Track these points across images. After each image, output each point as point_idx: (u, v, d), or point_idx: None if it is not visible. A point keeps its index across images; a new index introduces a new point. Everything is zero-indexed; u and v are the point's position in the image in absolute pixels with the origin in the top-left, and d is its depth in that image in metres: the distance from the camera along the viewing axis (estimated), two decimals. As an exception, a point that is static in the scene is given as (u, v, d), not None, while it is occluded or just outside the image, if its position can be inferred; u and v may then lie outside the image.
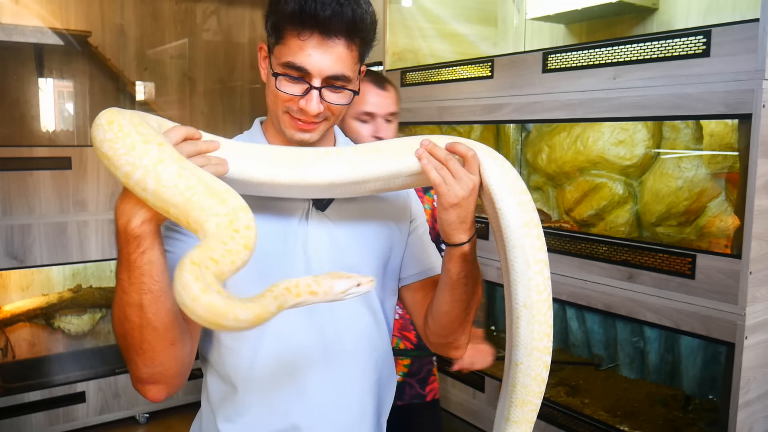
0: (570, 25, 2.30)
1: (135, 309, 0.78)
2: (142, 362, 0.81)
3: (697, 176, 1.86)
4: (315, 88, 0.87)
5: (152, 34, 3.59)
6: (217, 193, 0.70)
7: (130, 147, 0.70)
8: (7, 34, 3.07)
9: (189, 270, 0.63)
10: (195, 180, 0.70)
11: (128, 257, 0.76)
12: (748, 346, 1.35)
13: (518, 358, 0.85)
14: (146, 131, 0.72)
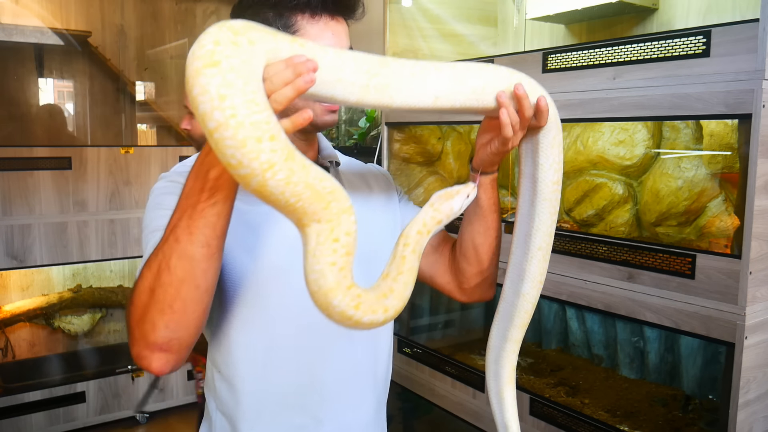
0: (570, 25, 2.30)
1: (185, 261, 0.73)
2: (164, 323, 0.75)
3: (697, 176, 1.87)
4: None
5: (152, 34, 3.59)
6: (322, 197, 0.67)
7: (241, 144, 0.61)
8: (7, 34, 3.07)
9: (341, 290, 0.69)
10: (302, 186, 0.65)
11: (195, 205, 0.72)
12: (748, 346, 1.36)
13: (526, 290, 1.01)
14: (257, 111, 0.62)
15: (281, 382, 0.96)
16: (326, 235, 0.68)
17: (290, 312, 0.94)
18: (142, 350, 0.77)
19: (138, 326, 0.76)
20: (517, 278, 1.02)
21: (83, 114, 3.43)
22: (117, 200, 3.03)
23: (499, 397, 1.06)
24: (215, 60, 0.61)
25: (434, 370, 2.18)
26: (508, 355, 1.06)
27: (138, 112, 3.58)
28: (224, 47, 0.62)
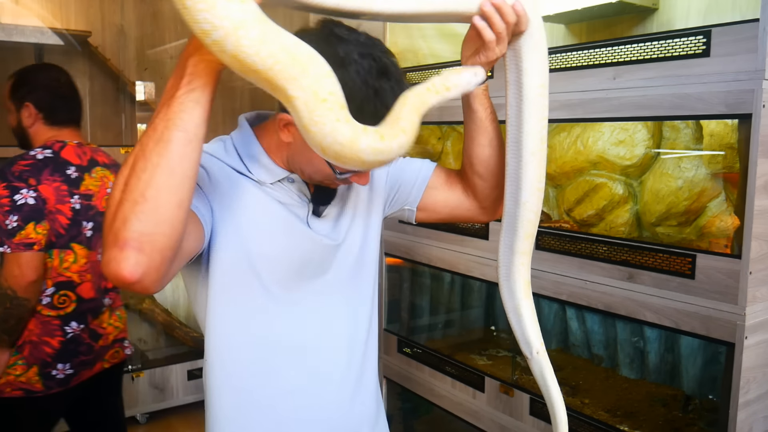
0: (570, 25, 2.30)
1: (160, 145, 0.70)
2: (135, 216, 0.69)
3: (697, 176, 1.87)
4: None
5: (152, 34, 3.59)
6: (299, 61, 0.68)
7: (211, 4, 0.63)
8: (7, 34, 3.07)
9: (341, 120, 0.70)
10: (277, 47, 0.66)
11: (174, 93, 0.72)
12: (748, 346, 1.36)
13: (525, 198, 0.99)
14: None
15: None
16: (314, 100, 0.68)
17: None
18: (112, 251, 0.69)
19: (110, 228, 0.71)
20: (515, 187, 1.01)
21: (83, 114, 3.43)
22: (117, 200, 3.03)
23: (517, 314, 1.05)
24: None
25: (434, 370, 2.18)
26: (518, 268, 1.05)
27: (138, 112, 3.58)
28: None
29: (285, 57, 0.67)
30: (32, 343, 1.74)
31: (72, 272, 1.77)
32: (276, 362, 0.99)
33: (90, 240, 1.80)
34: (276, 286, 0.97)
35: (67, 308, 1.78)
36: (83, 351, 1.82)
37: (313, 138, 0.70)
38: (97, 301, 1.85)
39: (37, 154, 1.72)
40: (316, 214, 1.02)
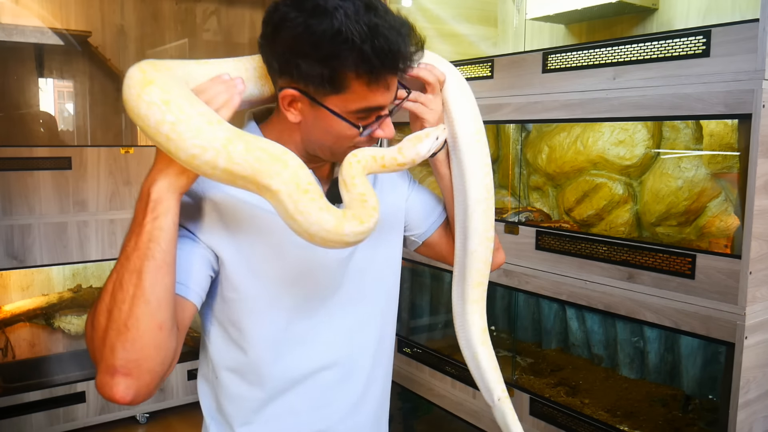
0: (570, 25, 2.30)
1: (133, 276, 0.75)
2: (121, 344, 0.75)
3: (697, 176, 1.87)
4: (389, 115, 0.89)
5: (152, 34, 3.59)
6: (277, 158, 0.75)
7: (197, 131, 0.72)
8: (7, 34, 3.07)
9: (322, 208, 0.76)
10: (260, 152, 0.74)
11: (140, 222, 0.76)
12: (748, 346, 1.36)
13: (473, 247, 1.00)
14: (201, 106, 0.75)
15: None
16: (297, 191, 0.75)
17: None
18: (104, 377, 0.76)
19: (99, 352, 0.77)
20: (463, 237, 1.02)
21: (83, 114, 3.43)
22: (117, 200, 3.03)
23: (476, 361, 1.07)
24: (148, 80, 0.73)
25: (434, 370, 2.18)
26: (472, 317, 1.06)
27: (138, 112, 3.58)
28: (150, 72, 0.74)
29: (266, 157, 0.74)
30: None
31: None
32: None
33: None
34: (294, 307, 0.96)
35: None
36: None
37: (299, 227, 0.76)
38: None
39: None
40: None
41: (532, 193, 2.50)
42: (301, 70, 0.81)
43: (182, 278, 0.85)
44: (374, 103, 0.84)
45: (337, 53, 0.78)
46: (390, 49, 0.79)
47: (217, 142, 0.72)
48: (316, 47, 0.79)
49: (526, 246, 1.82)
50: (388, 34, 0.79)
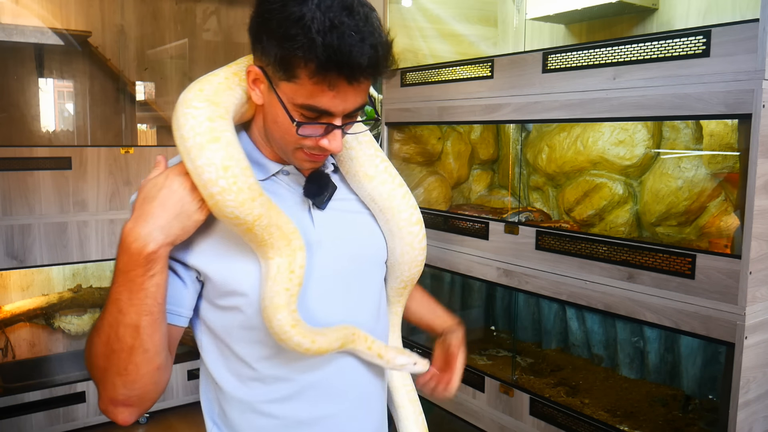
0: (570, 25, 2.30)
1: (130, 329, 0.79)
2: (122, 384, 0.82)
3: (697, 176, 1.87)
4: (338, 128, 0.84)
5: (152, 34, 3.59)
6: (286, 235, 0.85)
7: (241, 204, 0.79)
8: (7, 34, 3.07)
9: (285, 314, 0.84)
10: (274, 228, 0.83)
11: (134, 279, 0.78)
12: (748, 346, 1.36)
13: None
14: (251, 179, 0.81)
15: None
16: (286, 267, 0.85)
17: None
18: (108, 406, 0.85)
19: (101, 384, 0.85)
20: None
21: (83, 114, 3.43)
22: (117, 200, 3.03)
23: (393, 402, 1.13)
24: (215, 136, 0.79)
25: (434, 370, 2.18)
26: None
27: (138, 112, 3.58)
28: (218, 123, 0.80)
29: (278, 233, 0.84)
30: None
31: None
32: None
33: None
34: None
35: None
36: None
37: (265, 288, 0.85)
38: None
39: None
40: (320, 207, 0.96)
41: (532, 193, 2.50)
42: (264, 46, 0.81)
43: (172, 306, 0.87)
44: (320, 104, 0.81)
45: (293, 36, 0.77)
46: (340, 49, 0.76)
47: (250, 217, 0.81)
48: (279, 25, 0.78)
49: (526, 246, 1.82)
50: (347, 36, 0.76)
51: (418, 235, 1.02)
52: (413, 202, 1.03)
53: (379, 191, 1.00)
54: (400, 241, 1.02)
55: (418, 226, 1.02)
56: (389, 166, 1.02)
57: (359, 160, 0.99)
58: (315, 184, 0.95)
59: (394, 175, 1.02)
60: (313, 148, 0.86)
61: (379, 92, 2.69)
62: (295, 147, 0.87)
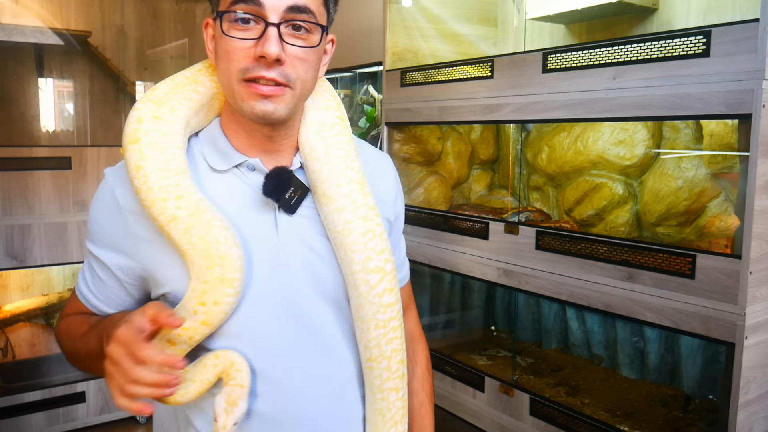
0: (570, 25, 2.30)
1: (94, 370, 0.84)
2: (87, 370, 0.91)
3: (697, 176, 1.87)
4: (272, 25, 0.75)
5: (152, 34, 3.59)
6: (210, 257, 0.77)
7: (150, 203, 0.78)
8: (7, 34, 3.07)
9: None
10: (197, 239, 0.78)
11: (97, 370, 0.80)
12: (748, 346, 1.36)
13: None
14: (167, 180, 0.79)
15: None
16: (196, 296, 0.77)
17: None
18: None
19: (69, 359, 0.92)
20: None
21: (83, 114, 3.43)
22: (117, 200, 3.03)
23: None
24: (136, 137, 0.79)
25: (434, 370, 2.18)
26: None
27: (138, 112, 3.57)
28: (145, 123, 0.80)
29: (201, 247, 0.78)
30: None
31: None
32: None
33: None
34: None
35: None
36: None
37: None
38: None
39: None
40: (287, 212, 0.85)
41: (532, 193, 2.50)
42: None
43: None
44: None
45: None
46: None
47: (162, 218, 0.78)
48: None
49: (526, 246, 1.82)
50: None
51: (376, 287, 0.83)
52: (378, 244, 0.84)
53: (333, 219, 0.84)
54: (354, 291, 0.84)
55: (377, 275, 0.83)
56: (356, 190, 0.84)
57: (321, 175, 0.85)
58: (274, 179, 0.83)
59: (359, 204, 0.84)
60: (252, 68, 0.76)
61: (379, 92, 2.69)
62: (238, 80, 0.78)
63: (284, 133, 0.86)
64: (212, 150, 0.86)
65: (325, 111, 0.89)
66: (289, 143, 0.87)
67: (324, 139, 0.86)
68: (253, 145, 0.86)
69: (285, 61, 0.77)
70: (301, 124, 0.88)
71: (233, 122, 0.85)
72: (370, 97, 2.75)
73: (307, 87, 0.82)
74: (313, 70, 0.81)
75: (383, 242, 0.85)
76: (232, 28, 0.77)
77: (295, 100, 0.81)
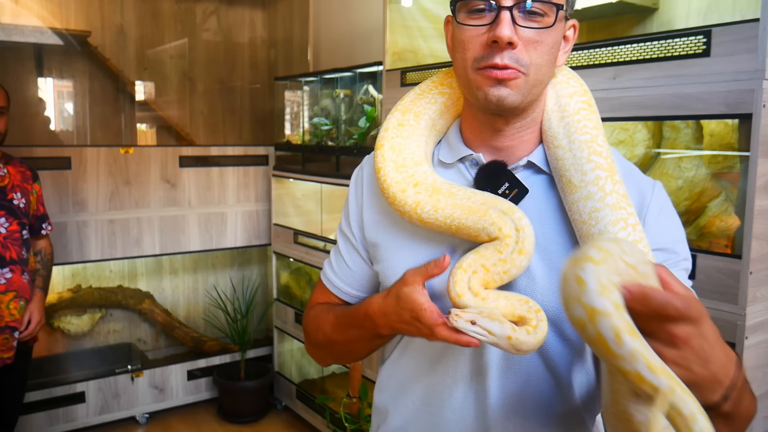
0: (570, 25, 2.30)
1: (353, 355, 0.96)
2: (335, 361, 1.03)
3: (697, 176, 1.87)
4: (504, 8, 0.74)
5: (152, 34, 3.59)
6: (474, 210, 0.78)
7: (392, 197, 0.85)
8: (7, 34, 3.08)
9: (457, 275, 0.75)
10: (450, 209, 0.79)
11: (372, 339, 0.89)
12: (748, 346, 1.35)
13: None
14: (404, 173, 0.86)
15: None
16: (495, 247, 0.76)
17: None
18: (315, 358, 1.02)
19: (315, 353, 1.00)
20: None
21: (83, 114, 3.43)
22: (116, 200, 3.03)
23: None
24: (380, 144, 0.89)
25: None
26: None
27: (138, 112, 3.58)
28: (390, 132, 0.89)
29: (459, 213, 0.79)
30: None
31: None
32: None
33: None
34: None
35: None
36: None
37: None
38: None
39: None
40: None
41: (532, 193, 2.50)
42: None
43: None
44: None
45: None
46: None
47: (407, 207, 0.83)
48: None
49: (526, 246, 1.81)
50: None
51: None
52: (632, 234, 0.73)
53: (579, 209, 0.77)
54: None
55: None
56: (603, 176, 0.76)
57: (565, 162, 0.79)
58: (484, 172, 0.83)
59: (608, 191, 0.75)
60: (486, 55, 0.76)
61: (379, 92, 2.69)
62: (474, 69, 0.77)
63: (518, 126, 0.84)
64: (445, 144, 0.91)
65: (569, 98, 0.84)
66: (523, 138, 0.85)
67: (567, 125, 0.81)
68: (484, 140, 0.86)
69: (517, 45, 0.75)
70: (544, 112, 0.85)
71: (469, 116, 0.87)
72: (370, 97, 2.75)
73: (543, 72, 0.79)
74: (548, 54, 0.78)
75: (638, 233, 0.74)
76: (467, 18, 0.77)
77: (530, 87, 0.78)
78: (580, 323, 0.55)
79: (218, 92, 3.77)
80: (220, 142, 3.70)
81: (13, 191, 2.17)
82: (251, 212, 3.39)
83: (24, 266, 2.18)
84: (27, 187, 2.23)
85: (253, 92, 3.86)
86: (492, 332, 0.69)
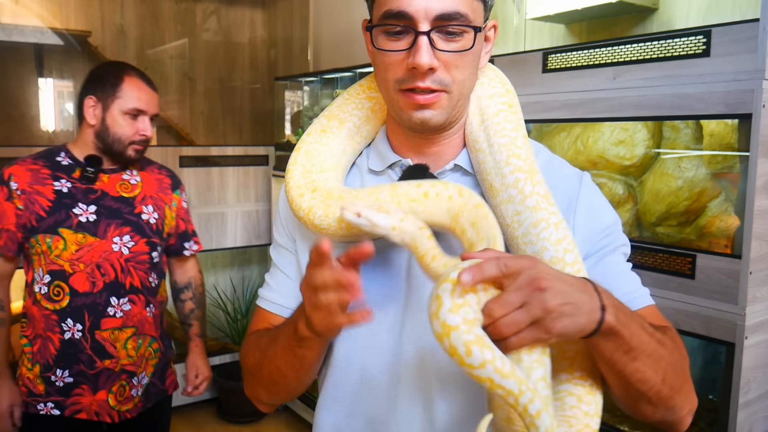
0: (570, 25, 2.30)
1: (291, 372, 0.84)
2: (267, 393, 0.90)
3: (697, 176, 1.87)
4: (422, 34, 0.73)
5: (152, 34, 3.59)
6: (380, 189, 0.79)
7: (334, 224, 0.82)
8: (7, 34, 3.08)
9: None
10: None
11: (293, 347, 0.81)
12: (748, 346, 1.36)
13: None
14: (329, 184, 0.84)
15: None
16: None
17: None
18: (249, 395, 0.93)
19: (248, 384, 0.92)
20: None
21: (83, 114, 3.43)
22: (117, 200, 3.03)
23: None
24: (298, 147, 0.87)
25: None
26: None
27: (138, 112, 3.58)
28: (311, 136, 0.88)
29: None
30: (41, 338, 1.75)
31: (63, 260, 1.68)
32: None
33: (83, 225, 1.68)
34: None
35: (62, 302, 1.70)
36: (84, 361, 1.69)
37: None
38: (93, 297, 1.69)
39: None
40: None
41: (532, 193, 2.50)
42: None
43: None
44: (392, 6, 0.74)
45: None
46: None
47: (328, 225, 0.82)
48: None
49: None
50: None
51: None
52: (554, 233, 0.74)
53: (501, 212, 0.78)
54: None
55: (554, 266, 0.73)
56: (523, 179, 0.77)
57: (486, 166, 0.80)
58: (406, 174, 0.84)
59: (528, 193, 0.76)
60: (406, 78, 0.76)
61: (379, 92, 2.69)
62: (395, 90, 0.78)
63: (445, 133, 0.85)
64: (374, 152, 0.90)
65: (489, 99, 0.84)
66: (451, 142, 0.86)
67: (487, 128, 0.82)
68: (412, 146, 0.86)
69: (438, 68, 0.75)
70: (467, 115, 0.85)
71: (394, 124, 0.87)
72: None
73: (466, 87, 0.80)
74: (469, 68, 0.78)
75: (561, 232, 0.75)
76: (386, 41, 0.76)
77: (453, 103, 0.79)
78: (438, 337, 0.61)
79: (218, 92, 3.77)
80: (220, 142, 3.70)
81: (144, 203, 1.76)
82: (251, 212, 3.39)
83: (150, 296, 1.77)
84: (163, 198, 1.82)
85: (253, 92, 3.86)
86: (376, 223, 0.71)
